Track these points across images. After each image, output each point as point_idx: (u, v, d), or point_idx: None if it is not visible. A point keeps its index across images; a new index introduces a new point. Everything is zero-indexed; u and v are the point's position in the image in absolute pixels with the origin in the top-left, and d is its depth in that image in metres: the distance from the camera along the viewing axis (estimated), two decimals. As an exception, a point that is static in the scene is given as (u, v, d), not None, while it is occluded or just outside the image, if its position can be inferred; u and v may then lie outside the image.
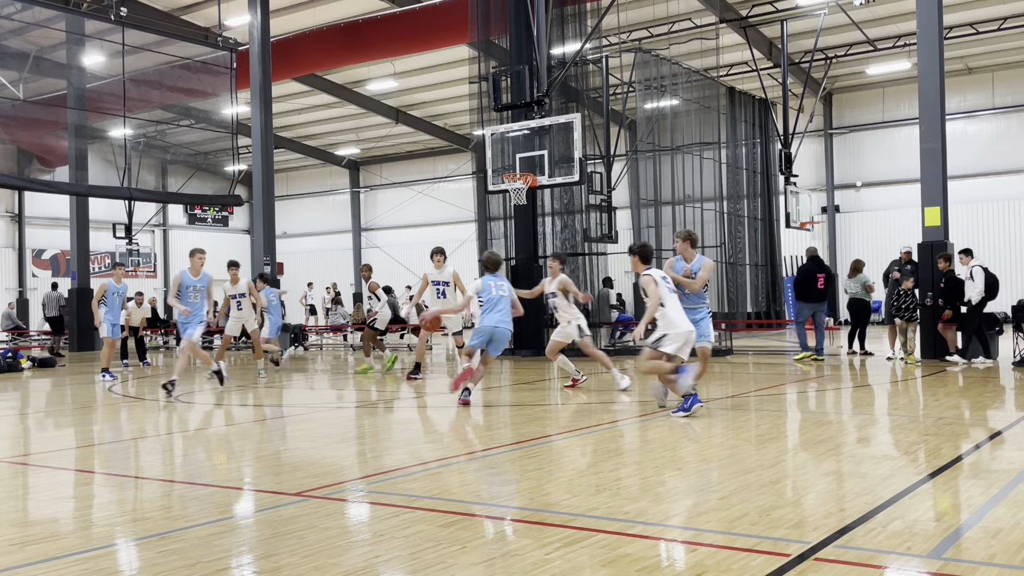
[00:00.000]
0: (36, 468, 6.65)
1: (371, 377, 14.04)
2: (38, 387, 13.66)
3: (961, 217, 24.60)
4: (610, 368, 10.88)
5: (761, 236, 25.47)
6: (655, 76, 21.90)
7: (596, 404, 9.77)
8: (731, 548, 3.91)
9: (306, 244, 41.93)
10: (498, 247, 18.65)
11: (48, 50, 22.05)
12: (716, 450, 6.53)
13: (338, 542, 4.20)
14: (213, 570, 3.78)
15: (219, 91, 21.34)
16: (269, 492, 5.38)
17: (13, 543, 4.32)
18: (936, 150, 14.31)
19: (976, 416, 8.23)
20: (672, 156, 22.16)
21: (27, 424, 9.25)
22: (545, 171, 15.71)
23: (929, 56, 14.42)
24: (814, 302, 14.80)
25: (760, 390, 10.67)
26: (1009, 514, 4.42)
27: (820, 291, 14.75)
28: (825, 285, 14.80)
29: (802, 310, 14.94)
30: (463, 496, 5.23)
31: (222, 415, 9.89)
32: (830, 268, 14.16)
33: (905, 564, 3.70)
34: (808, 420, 8.54)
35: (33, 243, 35.27)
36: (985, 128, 28.82)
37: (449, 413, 9.29)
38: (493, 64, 18.59)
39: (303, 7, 24.89)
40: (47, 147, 26.42)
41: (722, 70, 25.31)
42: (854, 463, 5.94)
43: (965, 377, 11.67)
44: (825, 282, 14.79)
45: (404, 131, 35.99)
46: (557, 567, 3.70)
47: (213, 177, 26.71)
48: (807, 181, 29.25)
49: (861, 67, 28.20)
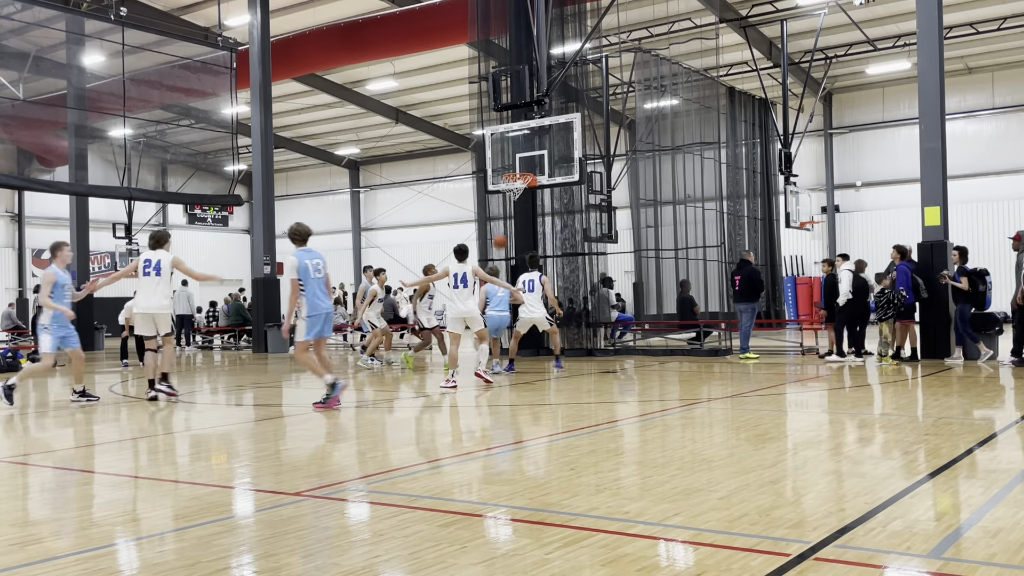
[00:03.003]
0: (36, 468, 6.66)
1: (410, 366, 14.95)
2: (38, 386, 13.65)
3: (961, 217, 24.62)
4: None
5: (761, 236, 25.49)
6: (655, 76, 21.92)
7: (596, 404, 9.77)
8: (731, 548, 3.91)
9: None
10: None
11: (48, 50, 22.07)
12: (716, 450, 6.53)
13: (338, 542, 4.20)
14: (213, 570, 3.78)
15: (219, 91, 21.36)
16: (269, 492, 5.38)
17: (13, 543, 4.32)
18: (936, 150, 14.31)
19: (975, 416, 8.23)
20: (672, 156, 22.18)
21: (27, 424, 9.25)
22: (545, 171, 15.71)
23: (929, 56, 14.42)
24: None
25: (760, 390, 10.68)
26: (1009, 514, 4.42)
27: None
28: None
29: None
30: (463, 496, 5.23)
31: (221, 415, 9.89)
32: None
33: (905, 564, 3.70)
34: (808, 420, 8.54)
35: (33, 243, 35.28)
36: (985, 128, 28.83)
37: (449, 413, 9.30)
38: (493, 64, 18.59)
39: (303, 7, 24.90)
40: (47, 147, 26.43)
41: (722, 70, 25.32)
42: (854, 463, 5.94)
43: (964, 377, 11.68)
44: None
45: (404, 131, 35.99)
46: (557, 567, 3.70)
47: (213, 177, 26.74)
48: (807, 181, 29.26)
49: (861, 67, 28.21)
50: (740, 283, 15.80)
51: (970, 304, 13.74)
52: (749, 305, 15.79)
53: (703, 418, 8.43)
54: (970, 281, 13.56)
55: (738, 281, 15.87)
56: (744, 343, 15.78)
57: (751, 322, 15.95)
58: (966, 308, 13.78)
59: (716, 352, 16.74)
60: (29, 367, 11.17)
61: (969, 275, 13.60)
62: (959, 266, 13.86)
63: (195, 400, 11.43)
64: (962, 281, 13.55)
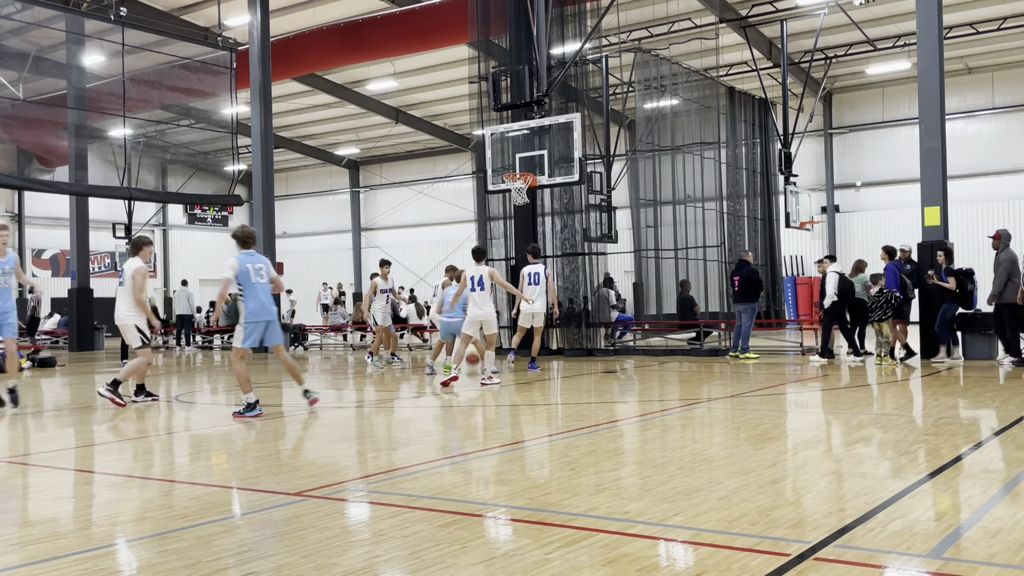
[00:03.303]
0: (36, 468, 6.66)
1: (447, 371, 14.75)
2: (38, 386, 13.65)
3: (961, 217, 24.62)
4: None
5: (761, 236, 25.48)
6: (655, 76, 21.91)
7: (596, 404, 9.77)
8: (731, 548, 3.91)
9: (306, 244, 41.93)
10: (498, 247, 18.69)
11: (48, 50, 22.06)
12: (716, 450, 6.53)
13: (338, 542, 4.20)
14: (213, 570, 3.78)
15: (219, 91, 21.34)
16: (269, 492, 5.38)
17: (13, 543, 4.32)
18: (936, 150, 14.32)
19: (975, 416, 8.24)
20: (672, 156, 22.18)
21: (27, 424, 9.25)
22: (545, 171, 15.71)
23: (929, 56, 14.42)
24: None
25: (760, 390, 10.68)
26: (1009, 514, 4.42)
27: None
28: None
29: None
30: (463, 496, 5.23)
31: (221, 415, 9.89)
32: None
33: (905, 564, 3.70)
34: (808, 420, 8.54)
35: (33, 243, 35.30)
36: (985, 128, 28.84)
37: (449, 413, 9.30)
38: (493, 64, 18.59)
39: (303, 7, 24.90)
40: (47, 147, 26.44)
41: (722, 70, 25.32)
42: (854, 463, 5.94)
43: (964, 377, 11.68)
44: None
45: (404, 131, 36.00)
46: (557, 567, 3.70)
47: (213, 177, 26.73)
48: (807, 181, 29.26)
49: (861, 67, 28.22)
50: (739, 283, 15.84)
51: (957, 304, 13.88)
52: (749, 305, 15.81)
53: (703, 418, 8.43)
54: (957, 281, 13.65)
55: (737, 281, 15.93)
56: (744, 343, 15.81)
57: (751, 322, 16.00)
58: (951, 308, 13.98)
59: (716, 352, 16.75)
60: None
61: (956, 275, 13.71)
62: (945, 266, 13.96)
63: (195, 400, 11.43)
64: (950, 281, 13.68)
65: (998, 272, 13.05)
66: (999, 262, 13.09)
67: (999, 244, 13.27)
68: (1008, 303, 13.02)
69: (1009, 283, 12.95)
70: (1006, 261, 13.02)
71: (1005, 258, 13.05)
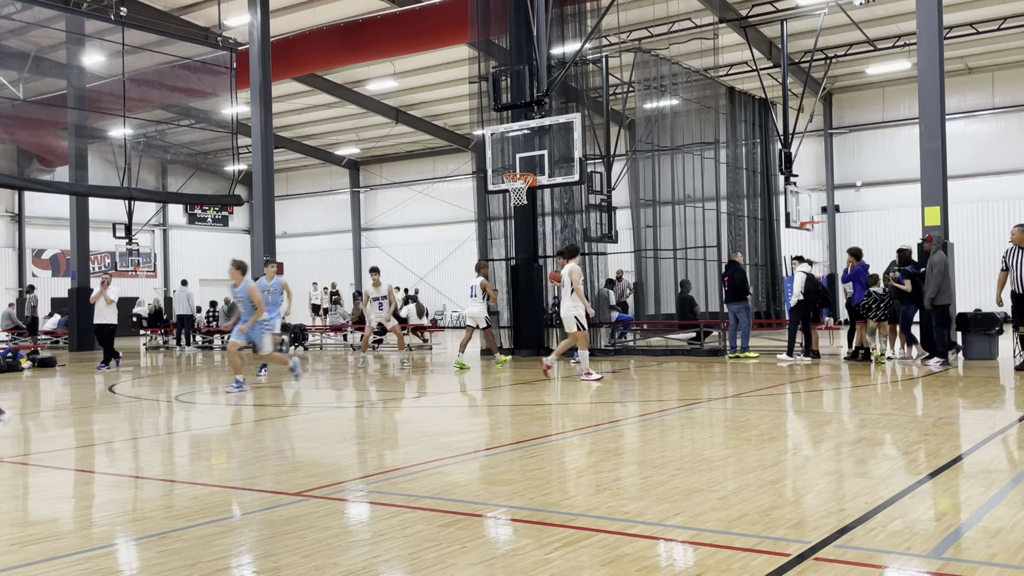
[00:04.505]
0: (36, 468, 6.66)
1: (465, 370, 14.73)
2: (38, 386, 13.66)
3: (961, 217, 24.62)
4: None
5: (761, 236, 25.46)
6: (655, 76, 21.89)
7: (596, 404, 9.77)
8: (731, 548, 3.91)
9: (306, 244, 41.94)
10: (498, 247, 18.69)
11: (48, 50, 22.07)
12: (716, 450, 6.53)
13: (338, 542, 4.20)
14: (213, 570, 3.78)
15: (219, 91, 21.34)
16: (269, 492, 5.38)
17: (13, 543, 4.32)
18: (936, 150, 14.32)
19: (975, 416, 8.24)
20: (672, 156, 22.15)
21: (27, 424, 9.25)
22: (545, 171, 15.72)
23: (929, 56, 14.42)
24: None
25: (760, 390, 10.68)
26: (1009, 514, 4.42)
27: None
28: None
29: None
30: (463, 496, 5.23)
31: (221, 415, 9.89)
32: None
33: (905, 564, 3.70)
34: (808, 420, 8.54)
35: (33, 243, 35.29)
36: (985, 128, 28.82)
37: (449, 413, 9.30)
38: (493, 64, 18.59)
39: (303, 7, 24.89)
40: (47, 147, 26.44)
41: (722, 70, 25.31)
42: (854, 463, 5.94)
43: (964, 377, 11.68)
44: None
45: (404, 131, 35.99)
46: (557, 567, 3.70)
47: (213, 177, 26.75)
48: (807, 181, 29.26)
49: (861, 67, 28.20)
50: (728, 284, 16.02)
51: (915, 305, 14.12)
52: (741, 304, 15.88)
53: (703, 418, 8.44)
54: (913, 283, 13.81)
55: (727, 282, 16.10)
56: (744, 342, 15.85)
57: (749, 321, 16.00)
58: (910, 309, 14.29)
59: (716, 352, 16.75)
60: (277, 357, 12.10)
61: (912, 277, 13.85)
62: (900, 268, 14.12)
63: (195, 400, 11.43)
64: (905, 283, 13.91)
65: (932, 274, 13.30)
66: (932, 264, 13.35)
67: (932, 246, 13.50)
68: (941, 304, 13.30)
69: (944, 283, 13.24)
70: (939, 263, 13.20)
71: (938, 260, 13.25)
